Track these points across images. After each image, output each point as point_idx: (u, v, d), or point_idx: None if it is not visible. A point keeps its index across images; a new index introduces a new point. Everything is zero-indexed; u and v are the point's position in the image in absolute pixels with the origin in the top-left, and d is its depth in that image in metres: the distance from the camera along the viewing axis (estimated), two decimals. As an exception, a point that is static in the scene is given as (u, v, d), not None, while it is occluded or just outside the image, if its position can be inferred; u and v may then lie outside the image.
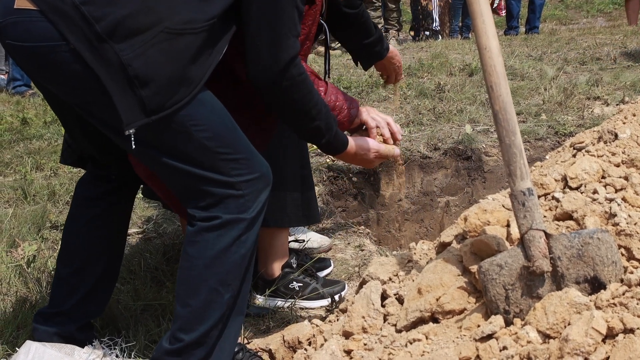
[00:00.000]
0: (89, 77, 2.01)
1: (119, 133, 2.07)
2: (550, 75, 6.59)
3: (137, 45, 1.99)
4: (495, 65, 2.04)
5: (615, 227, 2.12)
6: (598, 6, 14.80)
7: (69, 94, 2.14)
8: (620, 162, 2.34)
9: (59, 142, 5.42)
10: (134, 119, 2.02)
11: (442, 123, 5.43)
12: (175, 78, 2.04)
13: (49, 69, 2.09)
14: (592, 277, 2.00)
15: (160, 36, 2.01)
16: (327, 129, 2.37)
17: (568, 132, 5.14)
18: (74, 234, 2.57)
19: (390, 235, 4.69)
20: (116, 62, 1.98)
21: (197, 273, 2.20)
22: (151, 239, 3.84)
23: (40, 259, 3.45)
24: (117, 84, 1.99)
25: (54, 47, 2.02)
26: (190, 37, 2.06)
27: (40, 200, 4.29)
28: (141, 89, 2.00)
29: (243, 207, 2.18)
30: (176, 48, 2.04)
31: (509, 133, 2.03)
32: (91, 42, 1.97)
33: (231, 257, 2.19)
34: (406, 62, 7.39)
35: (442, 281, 2.25)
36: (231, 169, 2.16)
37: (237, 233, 2.18)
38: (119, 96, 2.00)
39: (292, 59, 2.22)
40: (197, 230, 2.19)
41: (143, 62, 1.99)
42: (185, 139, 2.10)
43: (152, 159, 2.17)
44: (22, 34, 2.06)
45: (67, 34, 1.98)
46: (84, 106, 2.14)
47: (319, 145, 2.45)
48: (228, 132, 2.18)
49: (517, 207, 2.02)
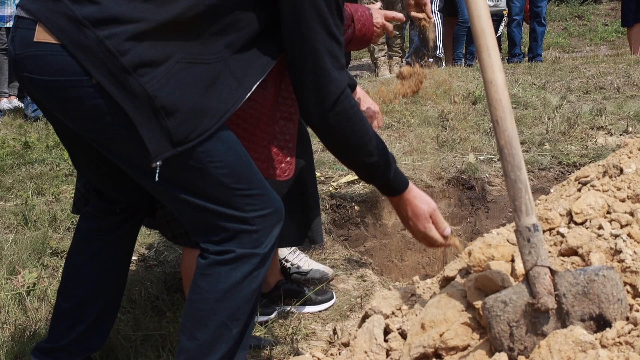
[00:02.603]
0: (111, 111, 2.00)
1: (139, 167, 2.06)
2: (554, 104, 6.58)
3: (160, 77, 1.98)
4: (501, 99, 2.03)
5: (621, 264, 2.10)
6: (601, 34, 14.83)
7: (88, 129, 2.12)
8: (625, 197, 2.32)
9: (61, 166, 5.42)
10: (161, 150, 2.01)
11: (445, 152, 5.42)
12: (197, 108, 2.03)
13: (69, 104, 2.07)
14: (598, 314, 1.97)
15: (177, 67, 2.01)
16: (385, 166, 2.35)
17: (572, 162, 5.13)
18: (76, 268, 2.54)
19: (392, 264, 4.66)
20: (142, 94, 1.97)
21: (207, 306, 2.17)
22: (152, 266, 3.82)
23: (40, 287, 3.43)
24: (143, 116, 1.98)
25: (76, 81, 2.00)
26: (203, 66, 2.05)
27: (42, 226, 4.28)
28: (167, 120, 1.99)
29: (257, 242, 2.17)
30: (193, 77, 2.03)
31: (514, 168, 2.01)
32: (116, 76, 1.96)
33: (242, 292, 2.17)
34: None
35: (446, 316, 2.22)
36: (246, 204, 2.15)
37: (249, 268, 2.17)
38: (146, 128, 1.99)
39: (341, 92, 2.21)
40: (210, 263, 2.17)
41: (167, 93, 1.98)
42: (202, 175, 2.09)
43: (168, 193, 2.15)
44: (42, 68, 2.04)
45: (90, 68, 1.97)
46: (103, 142, 2.13)
47: (377, 184, 2.42)
48: (244, 168, 2.17)
49: (522, 243, 2.00)
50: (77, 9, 1.98)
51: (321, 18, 2.14)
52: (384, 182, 2.40)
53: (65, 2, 1.99)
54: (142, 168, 2.05)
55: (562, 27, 15.72)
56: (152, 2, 2.01)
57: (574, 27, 15.64)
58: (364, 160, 2.32)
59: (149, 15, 1.99)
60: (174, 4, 2.02)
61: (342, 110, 2.21)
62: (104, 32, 1.96)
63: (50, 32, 2.01)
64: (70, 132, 2.28)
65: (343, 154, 2.36)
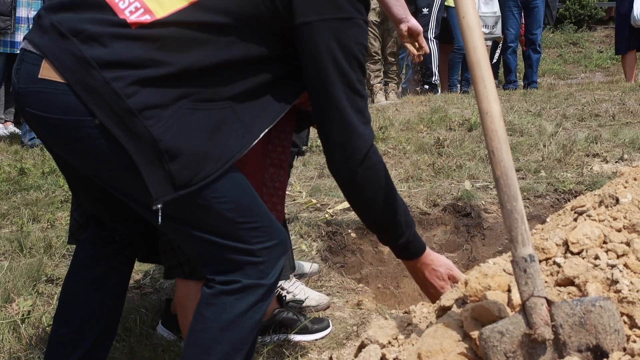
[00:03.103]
0: (114, 152, 2.00)
1: (142, 203, 2.06)
2: (549, 131, 6.60)
3: (165, 120, 1.99)
4: (497, 129, 2.04)
5: (618, 294, 2.09)
6: (596, 61, 14.91)
7: (90, 167, 2.13)
8: (621, 227, 2.32)
9: (57, 193, 5.41)
10: (163, 194, 2.02)
11: (441, 179, 5.43)
12: (201, 152, 2.03)
13: (70, 142, 2.07)
14: (595, 345, 1.97)
15: (183, 111, 2.01)
16: (407, 226, 2.37)
17: (567, 190, 5.13)
18: (73, 294, 2.53)
19: (389, 292, 4.65)
20: (147, 137, 1.97)
21: (211, 336, 2.17)
22: (148, 294, 3.80)
23: (35, 315, 3.42)
24: (146, 158, 1.99)
25: (79, 121, 2.01)
26: (209, 112, 2.06)
27: (37, 252, 4.26)
28: (170, 163, 1.99)
29: (262, 273, 2.17)
30: (198, 122, 2.04)
31: (510, 199, 2.01)
32: (121, 118, 1.97)
33: (247, 322, 2.17)
34: (405, 116, 7.41)
35: (443, 346, 2.21)
36: (251, 237, 2.15)
37: (255, 298, 2.17)
38: (148, 171, 1.99)
39: (370, 147, 2.25)
40: (216, 292, 2.17)
41: (172, 136, 1.99)
42: (207, 211, 2.09)
43: (172, 228, 2.16)
44: (45, 105, 2.05)
45: (95, 109, 1.97)
46: (105, 179, 2.13)
47: (396, 245, 2.44)
48: (249, 201, 2.18)
49: (518, 273, 2.00)
50: (86, 49, 1.98)
51: (344, 76, 2.18)
52: (403, 243, 2.43)
53: (75, 41, 2.00)
54: (146, 204, 2.05)
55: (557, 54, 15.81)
56: (163, 50, 2.01)
57: (569, 54, 15.73)
58: (387, 217, 2.35)
59: (160, 62, 2.00)
60: (185, 54, 2.03)
61: (370, 165, 2.25)
62: (111, 75, 1.96)
63: (56, 70, 2.01)
64: (70, 165, 2.28)
65: (368, 210, 2.38)
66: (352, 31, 2.18)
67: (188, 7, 2.06)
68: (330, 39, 2.14)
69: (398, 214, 2.35)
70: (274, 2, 2.12)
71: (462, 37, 2.12)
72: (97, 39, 2.00)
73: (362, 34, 2.23)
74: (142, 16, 2.03)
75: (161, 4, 2.05)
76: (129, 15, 2.03)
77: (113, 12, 2.04)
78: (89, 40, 2.00)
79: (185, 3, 2.06)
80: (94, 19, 2.03)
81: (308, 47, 2.16)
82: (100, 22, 2.03)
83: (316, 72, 2.18)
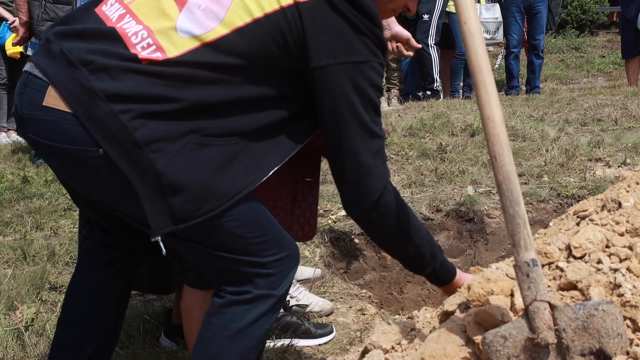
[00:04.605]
0: (118, 182, 2.01)
1: (146, 225, 2.05)
2: (552, 136, 6.60)
3: (171, 154, 1.98)
4: (499, 135, 2.04)
5: (620, 298, 2.09)
6: (598, 66, 14.88)
7: (93, 193, 2.14)
8: (624, 231, 2.32)
9: (60, 201, 5.42)
10: (162, 226, 2.02)
11: (444, 184, 5.43)
12: (205, 188, 2.02)
13: (73, 170, 2.08)
14: (598, 349, 1.97)
15: (190, 146, 2.01)
16: (431, 256, 2.37)
17: (570, 194, 5.13)
18: (76, 300, 2.53)
19: (392, 297, 4.65)
20: (151, 170, 1.97)
21: (219, 345, 2.17)
22: (151, 301, 3.81)
23: (38, 322, 3.42)
24: (148, 191, 1.99)
25: (83, 151, 2.01)
26: (218, 148, 2.05)
27: (40, 260, 4.26)
28: (172, 197, 1.99)
29: (273, 284, 2.17)
30: (205, 158, 2.03)
31: (512, 203, 2.01)
32: (126, 150, 1.96)
33: (255, 332, 2.17)
34: (408, 121, 7.42)
35: (446, 351, 2.21)
36: (261, 250, 2.15)
37: (265, 308, 2.17)
38: (149, 203, 2.00)
39: (384, 188, 2.23)
40: (226, 302, 2.17)
41: (176, 171, 1.99)
42: (215, 229, 2.09)
43: (181, 246, 2.16)
44: (48, 133, 2.05)
45: (101, 140, 1.97)
46: (108, 205, 2.14)
47: (423, 274, 2.44)
48: (256, 216, 2.17)
49: (521, 278, 2.00)
50: (94, 80, 1.98)
51: (359, 118, 2.16)
52: (430, 273, 2.42)
53: (84, 71, 1.99)
54: (149, 227, 2.04)
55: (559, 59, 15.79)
56: (173, 87, 2.01)
57: (571, 58, 15.71)
58: (409, 251, 2.35)
59: (169, 98, 2.00)
60: (195, 92, 2.02)
61: (384, 205, 2.24)
62: (119, 107, 1.96)
63: (63, 98, 2.00)
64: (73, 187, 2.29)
65: (387, 245, 2.39)
66: (367, 74, 2.16)
67: (200, 47, 2.05)
68: (345, 82, 2.12)
69: (420, 245, 2.34)
70: (287, 44, 2.10)
71: (464, 43, 2.13)
72: (107, 70, 2.00)
73: (378, 76, 2.21)
74: (153, 53, 2.03)
75: (174, 43, 2.04)
76: (141, 50, 2.03)
77: (125, 46, 2.04)
78: (98, 71, 2.00)
79: (197, 43, 2.05)
80: (104, 50, 2.03)
81: (323, 90, 2.14)
82: (111, 54, 2.02)
83: (331, 115, 2.16)
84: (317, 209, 2.60)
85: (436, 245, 2.39)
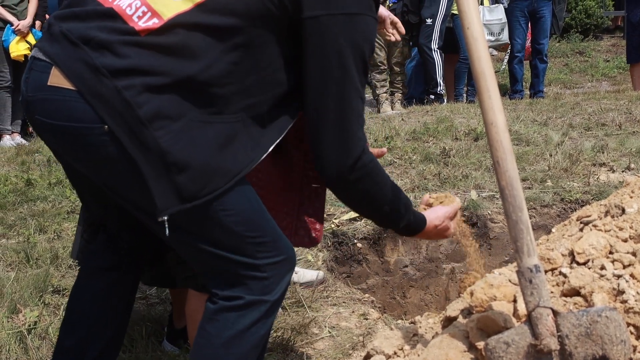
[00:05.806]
0: (123, 160, 2.00)
1: (147, 213, 2.05)
2: (556, 140, 6.58)
3: (175, 132, 1.98)
4: (502, 140, 2.04)
5: (624, 305, 2.09)
6: (602, 70, 14.86)
7: (98, 175, 2.13)
8: (628, 237, 2.31)
9: (63, 203, 5.41)
10: (168, 205, 2.01)
11: (447, 189, 5.41)
12: (209, 166, 2.02)
13: (78, 149, 2.07)
14: (601, 356, 1.96)
15: (193, 124, 2.00)
16: (405, 209, 2.35)
17: (574, 199, 5.12)
18: (80, 305, 2.53)
19: (395, 302, 4.65)
20: (155, 148, 1.96)
21: (213, 352, 2.16)
22: (154, 304, 3.80)
23: (41, 325, 3.42)
24: (154, 169, 1.98)
25: (89, 128, 2.00)
26: (220, 125, 2.04)
27: (43, 263, 4.26)
28: (177, 175, 1.98)
29: (267, 289, 2.16)
30: (208, 135, 2.02)
31: (515, 209, 2.01)
32: (130, 127, 1.96)
33: (250, 338, 2.16)
34: (411, 126, 7.41)
35: (448, 357, 2.21)
36: (257, 251, 2.14)
37: (258, 315, 2.15)
38: (154, 181, 1.99)
39: (363, 150, 2.19)
40: (218, 308, 2.16)
41: (180, 149, 1.98)
42: (213, 223, 2.08)
43: (179, 241, 2.15)
44: (53, 112, 2.05)
45: (106, 117, 1.97)
46: (113, 188, 2.13)
47: (397, 229, 2.41)
48: (256, 215, 2.16)
49: (524, 284, 2.00)
50: (97, 57, 1.98)
51: (348, 73, 2.12)
52: (404, 226, 2.40)
53: (86, 49, 2.00)
54: (153, 216, 2.04)
55: (563, 63, 15.77)
56: (173, 57, 2.00)
57: (575, 63, 15.69)
58: (385, 209, 2.31)
59: (170, 69, 1.99)
60: (195, 61, 2.01)
61: (362, 166, 2.19)
62: (123, 83, 1.96)
63: (67, 77, 2.01)
64: (79, 173, 2.27)
65: (362, 207, 2.36)
66: (360, 28, 2.12)
67: (193, 8, 2.03)
68: (338, 35, 2.09)
69: (394, 201, 2.30)
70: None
71: (467, 48, 2.13)
72: (108, 46, 2.00)
73: (371, 31, 2.18)
74: (150, 20, 2.03)
75: (167, 6, 2.04)
76: (137, 20, 2.03)
77: (122, 20, 2.04)
78: (100, 48, 2.00)
79: (190, 5, 2.04)
80: (104, 27, 2.03)
81: (313, 42, 2.10)
82: (110, 30, 2.02)
83: (319, 68, 2.11)
84: (323, 214, 2.59)
85: (406, 198, 2.36)
